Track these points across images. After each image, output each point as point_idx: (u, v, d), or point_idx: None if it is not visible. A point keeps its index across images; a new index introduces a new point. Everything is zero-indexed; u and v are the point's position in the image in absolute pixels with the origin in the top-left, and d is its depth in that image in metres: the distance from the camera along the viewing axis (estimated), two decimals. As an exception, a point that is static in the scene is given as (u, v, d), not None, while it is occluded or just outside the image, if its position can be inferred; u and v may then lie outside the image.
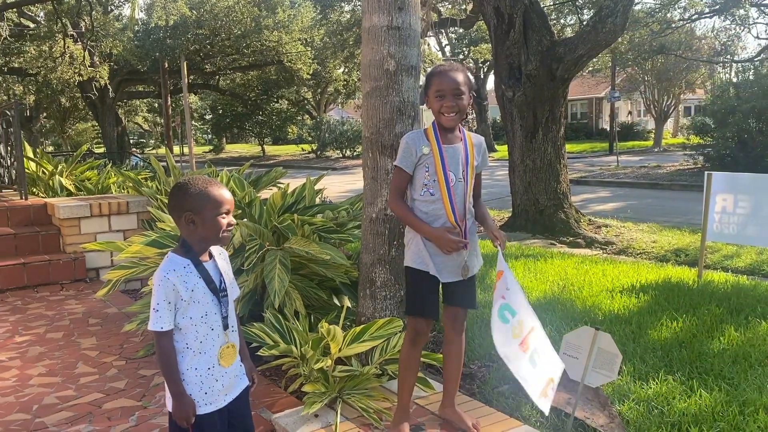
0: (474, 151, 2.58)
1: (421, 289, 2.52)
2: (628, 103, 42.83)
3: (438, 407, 2.73)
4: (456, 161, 2.51)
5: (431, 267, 2.48)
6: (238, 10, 22.46)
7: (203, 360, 2.07)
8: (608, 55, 26.08)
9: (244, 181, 4.37)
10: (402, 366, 2.58)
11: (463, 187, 2.52)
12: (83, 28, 19.39)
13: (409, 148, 2.50)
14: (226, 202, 2.06)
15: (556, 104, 9.89)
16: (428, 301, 2.51)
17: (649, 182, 16.77)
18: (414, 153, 2.49)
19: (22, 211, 6.01)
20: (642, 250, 8.52)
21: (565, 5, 21.17)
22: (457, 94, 2.45)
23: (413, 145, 2.50)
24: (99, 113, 26.94)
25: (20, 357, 3.71)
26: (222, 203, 2.05)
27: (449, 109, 2.45)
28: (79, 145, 41.59)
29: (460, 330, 2.63)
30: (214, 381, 2.09)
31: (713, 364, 3.53)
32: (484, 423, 2.59)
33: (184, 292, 2.02)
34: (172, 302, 2.02)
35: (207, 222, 2.04)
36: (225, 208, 2.06)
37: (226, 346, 2.11)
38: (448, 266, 2.50)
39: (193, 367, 2.06)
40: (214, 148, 45.15)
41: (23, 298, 5.11)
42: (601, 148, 30.95)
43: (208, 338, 2.08)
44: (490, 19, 10.28)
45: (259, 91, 33.57)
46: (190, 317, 2.04)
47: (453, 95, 2.45)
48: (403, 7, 3.15)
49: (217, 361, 2.09)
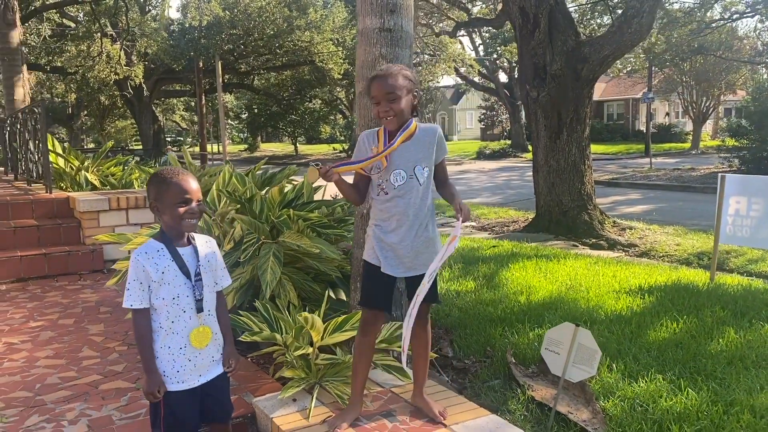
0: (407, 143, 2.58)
1: (371, 282, 2.62)
2: (665, 105, 42.03)
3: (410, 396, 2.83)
4: (405, 159, 2.55)
5: (381, 262, 2.57)
6: (270, 11, 22.76)
7: (175, 340, 2.18)
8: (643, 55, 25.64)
9: (246, 177, 4.49)
10: (354, 353, 2.68)
11: (416, 184, 2.56)
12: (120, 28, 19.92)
13: (360, 147, 2.60)
14: (184, 191, 2.16)
15: (581, 105, 9.82)
16: (376, 294, 2.61)
17: (681, 185, 16.48)
18: (365, 152, 2.57)
19: (46, 204, 6.27)
20: (665, 253, 8.41)
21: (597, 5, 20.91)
22: (392, 99, 2.49)
23: (364, 145, 2.59)
24: (136, 111, 27.59)
25: (32, 341, 3.90)
26: (179, 193, 2.16)
27: (385, 113, 2.51)
28: (118, 142, 42.67)
29: (424, 324, 2.71)
30: (187, 360, 2.19)
31: (706, 365, 3.51)
32: (455, 411, 2.66)
33: (153, 274, 2.14)
34: (143, 282, 2.14)
35: (167, 210, 2.17)
36: (183, 197, 2.16)
37: (198, 329, 2.20)
38: (394, 261, 2.58)
39: (167, 346, 2.18)
40: (249, 146, 45.80)
41: (43, 287, 5.33)
42: (637, 150, 30.49)
43: (179, 319, 2.18)
44: (515, 19, 10.26)
45: (292, 90, 33.96)
46: (162, 298, 2.16)
47: (387, 100, 2.49)
48: (395, 9, 3.22)
49: (189, 341, 2.19)
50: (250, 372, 3.24)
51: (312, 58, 24.72)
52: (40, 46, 21.63)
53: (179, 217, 2.16)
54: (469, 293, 5.10)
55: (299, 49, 24.31)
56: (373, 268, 2.59)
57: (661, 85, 33.20)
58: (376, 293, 2.62)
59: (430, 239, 2.65)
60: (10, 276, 5.49)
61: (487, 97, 46.56)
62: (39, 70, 25.88)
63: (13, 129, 8.83)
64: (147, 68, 24.07)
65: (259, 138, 48.24)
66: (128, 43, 19.03)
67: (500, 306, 4.69)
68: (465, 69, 30.82)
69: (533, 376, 3.57)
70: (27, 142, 7.58)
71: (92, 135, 43.91)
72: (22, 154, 8.04)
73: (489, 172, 23.61)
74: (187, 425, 2.24)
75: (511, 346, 3.88)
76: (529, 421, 3.09)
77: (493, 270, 5.94)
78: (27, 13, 17.89)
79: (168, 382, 2.18)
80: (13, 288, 5.33)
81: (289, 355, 2.83)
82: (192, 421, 2.24)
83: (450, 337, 4.31)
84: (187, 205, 2.17)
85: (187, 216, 2.17)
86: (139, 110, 27.69)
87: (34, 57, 23.27)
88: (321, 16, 24.03)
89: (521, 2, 9.83)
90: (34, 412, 2.88)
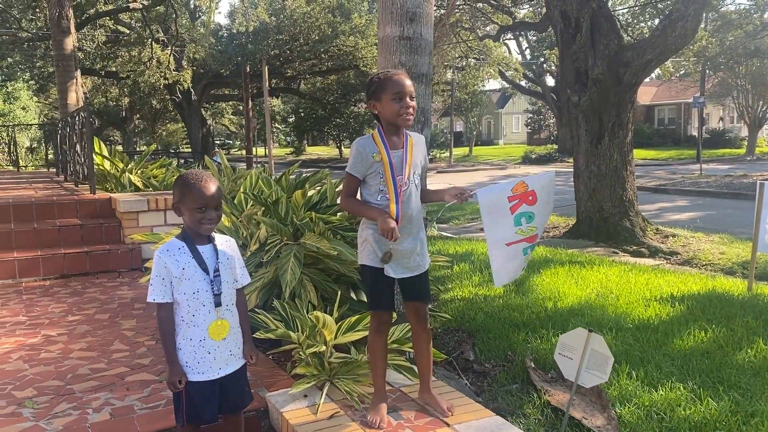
0: (414, 151, 2.66)
1: (375, 286, 2.68)
2: (719, 109, 40.79)
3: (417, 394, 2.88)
4: (401, 166, 2.60)
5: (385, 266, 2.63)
6: (314, 16, 23.09)
7: (195, 332, 2.31)
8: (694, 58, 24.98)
9: (271, 180, 4.60)
10: (369, 352, 2.76)
11: (413, 189, 2.64)
12: (171, 34, 20.52)
13: (360, 154, 2.57)
14: (203, 198, 2.28)
15: (624, 109, 9.66)
16: (382, 296, 2.68)
17: (732, 192, 15.99)
18: (366, 160, 2.57)
19: (90, 204, 6.53)
20: (708, 262, 8.19)
21: (647, 8, 20.49)
22: (413, 96, 2.56)
23: (364, 152, 2.57)
24: (185, 115, 28.31)
25: (68, 333, 4.09)
26: (198, 199, 2.28)
27: (408, 109, 2.53)
28: (169, 145, 43.86)
29: (423, 323, 2.76)
30: (206, 353, 2.31)
31: (731, 375, 3.43)
32: (459, 411, 2.68)
33: (174, 270, 2.27)
34: (165, 278, 2.28)
35: (188, 212, 2.30)
36: (201, 203, 2.28)
37: (216, 322, 2.32)
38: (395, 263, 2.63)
39: (188, 338, 2.31)
40: (295, 150, 46.44)
41: (84, 283, 5.56)
42: (689, 156, 29.67)
43: (199, 313, 2.31)
44: (557, 23, 10.17)
45: (337, 94, 34.32)
46: (183, 293, 2.29)
47: (410, 97, 2.55)
48: (415, 18, 3.28)
49: (208, 334, 2.30)
50: (267, 368, 3.33)
51: (356, 62, 24.95)
52: (95, 51, 22.46)
53: (198, 221, 2.29)
54: (496, 298, 5.09)
55: (344, 53, 24.58)
56: (375, 271, 2.65)
57: (714, 89, 32.23)
58: (382, 295, 2.69)
59: (422, 241, 2.74)
60: (54, 272, 5.74)
61: (534, 101, 46.10)
62: (94, 75, 26.86)
63: (63, 132, 9.23)
64: (196, 73, 24.70)
65: (305, 141, 48.86)
66: (178, 49, 19.60)
67: (526, 311, 4.67)
68: (511, 73, 30.60)
69: (552, 381, 3.56)
70: (75, 145, 7.92)
71: (145, 138, 45.26)
72: (71, 156, 8.40)
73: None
74: (206, 414, 2.35)
75: (532, 352, 3.88)
76: (543, 426, 3.09)
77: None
78: (82, 20, 18.62)
79: (190, 373, 2.29)
80: (56, 284, 5.58)
81: (303, 353, 2.91)
82: (210, 411, 2.35)
83: (472, 340, 4.33)
84: (205, 211, 2.29)
85: (205, 221, 2.30)
86: (188, 114, 28.42)
87: (90, 62, 24.18)
88: (365, 20, 24.24)
89: (562, 6, 9.74)
90: (63, 399, 3.03)
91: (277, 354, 3.52)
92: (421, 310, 2.73)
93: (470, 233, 10.06)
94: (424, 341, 2.78)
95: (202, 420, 2.36)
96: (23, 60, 25.67)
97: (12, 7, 20.26)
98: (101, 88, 30.63)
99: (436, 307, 4.79)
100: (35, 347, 3.84)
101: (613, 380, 3.39)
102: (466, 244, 7.79)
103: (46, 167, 14.64)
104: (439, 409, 2.70)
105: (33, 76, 26.42)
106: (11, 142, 16.60)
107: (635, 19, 25.89)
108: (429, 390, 2.80)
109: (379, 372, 2.70)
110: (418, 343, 2.79)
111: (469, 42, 22.83)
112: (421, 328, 2.75)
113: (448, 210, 12.31)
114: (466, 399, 2.81)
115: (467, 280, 5.66)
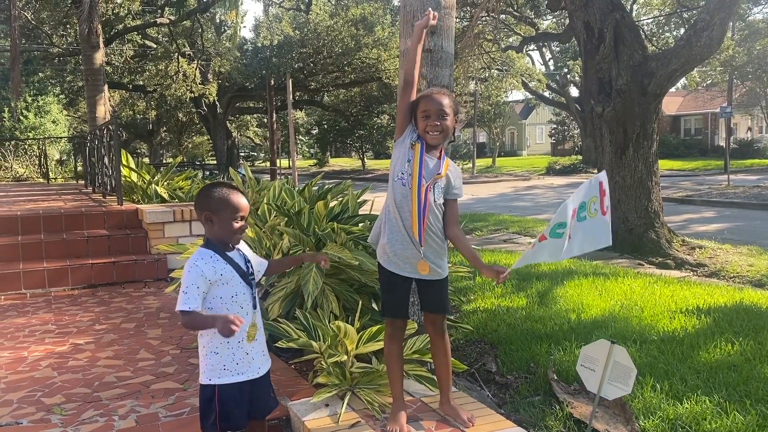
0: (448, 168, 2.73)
1: (391, 293, 2.75)
2: (747, 119, 40.17)
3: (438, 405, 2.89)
4: (429, 172, 2.67)
5: (391, 263, 2.70)
6: (338, 29, 23.30)
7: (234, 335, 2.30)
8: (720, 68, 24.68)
9: (294, 191, 4.65)
10: (386, 360, 2.80)
11: (431, 195, 2.67)
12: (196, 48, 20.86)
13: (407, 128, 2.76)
14: (241, 208, 2.34)
15: (648, 120, 9.57)
16: (397, 304, 2.74)
17: (761, 203, 15.70)
18: (408, 133, 2.73)
19: (117, 215, 6.66)
20: (736, 274, 8.04)
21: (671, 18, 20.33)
22: (442, 115, 2.65)
23: (410, 131, 2.74)
24: (211, 127, 28.67)
25: (95, 342, 4.17)
26: (237, 209, 2.33)
27: (434, 128, 2.65)
28: (195, 157, 44.38)
29: (440, 333, 2.78)
30: (245, 354, 2.34)
31: (758, 389, 3.38)
32: (479, 422, 2.68)
33: (211, 276, 2.28)
34: (200, 287, 2.26)
35: (223, 223, 2.33)
36: (239, 213, 2.34)
37: (253, 324, 2.36)
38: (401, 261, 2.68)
39: (226, 341, 2.31)
40: (319, 161, 46.73)
41: (111, 293, 5.66)
42: (716, 166, 29.21)
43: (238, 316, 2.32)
44: (580, 34, 10.13)
45: (360, 106, 34.55)
46: (220, 297, 2.30)
47: (438, 116, 2.64)
48: (435, 31, 3.30)
49: (245, 336, 2.34)
50: (290, 377, 3.36)
51: (379, 74, 25.09)
52: (123, 65, 22.93)
53: (233, 231, 2.33)
54: (519, 309, 5.07)
55: (367, 66, 24.73)
56: (391, 276, 2.71)
57: (742, 99, 31.80)
58: (398, 303, 2.74)
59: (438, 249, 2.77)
60: (82, 282, 5.85)
61: (558, 112, 45.86)
62: (122, 89, 27.38)
63: (92, 145, 9.43)
64: (221, 86, 25.06)
65: (328, 153, 49.15)
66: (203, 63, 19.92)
67: (549, 323, 4.65)
68: (534, 84, 30.50)
69: (574, 393, 3.54)
70: (103, 157, 8.08)
71: (171, 150, 45.89)
72: (99, 168, 8.57)
73: (557, 188, 23.20)
74: (238, 419, 2.35)
75: (555, 364, 3.85)
76: (565, 438, 3.07)
77: (547, 287, 5.88)
78: (111, 35, 19.04)
79: (229, 375, 2.31)
80: (84, 293, 5.69)
81: (325, 362, 2.94)
82: (242, 416, 2.36)
83: (495, 352, 4.31)
84: (242, 221, 2.35)
85: (239, 232, 2.36)
86: (213, 126, 28.80)
87: (118, 76, 24.65)
88: (388, 33, 24.38)
89: (585, 17, 9.71)
90: (90, 406, 3.10)
91: (299, 363, 3.55)
92: (437, 320, 2.75)
93: (493, 244, 10.01)
94: (441, 352, 2.80)
95: (234, 425, 2.37)
96: (54, 74, 26.30)
97: (44, 24, 20.78)
98: (129, 101, 31.18)
99: (458, 319, 4.78)
100: (64, 355, 3.92)
101: (637, 393, 3.36)
102: (489, 255, 7.77)
103: (75, 179, 14.91)
104: (459, 420, 2.71)
105: (63, 90, 27.03)
106: (42, 155, 16.97)
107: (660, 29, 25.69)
108: (449, 402, 2.81)
109: (395, 378, 2.73)
110: (436, 355, 2.81)
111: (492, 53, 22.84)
112: (439, 339, 2.78)
113: (470, 221, 12.29)
114: (488, 410, 2.80)
115: (489, 292, 5.65)
